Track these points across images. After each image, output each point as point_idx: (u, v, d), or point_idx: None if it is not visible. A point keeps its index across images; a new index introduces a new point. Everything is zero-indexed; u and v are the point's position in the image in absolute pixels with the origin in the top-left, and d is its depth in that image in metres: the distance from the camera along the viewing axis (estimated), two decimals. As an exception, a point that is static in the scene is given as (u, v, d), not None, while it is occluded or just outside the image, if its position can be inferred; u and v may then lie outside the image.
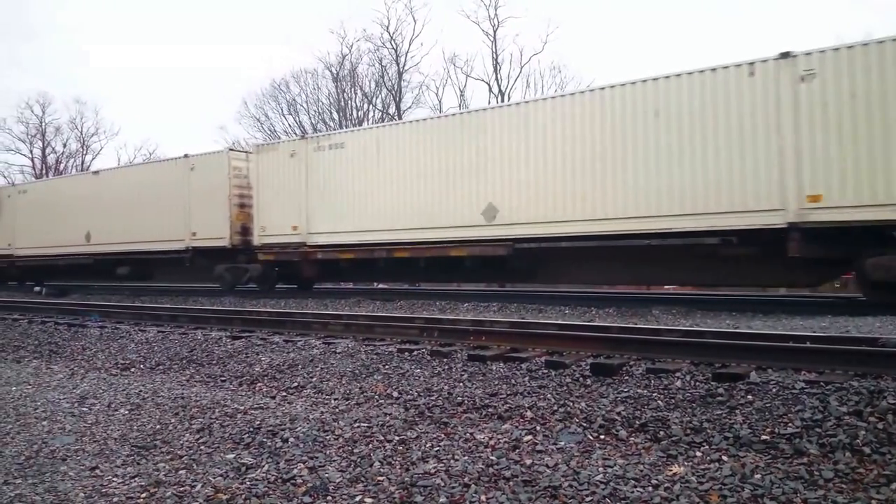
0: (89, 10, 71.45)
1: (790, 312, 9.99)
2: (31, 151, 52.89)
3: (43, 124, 52.63)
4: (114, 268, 20.47)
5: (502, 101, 36.26)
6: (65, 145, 53.98)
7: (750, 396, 4.55)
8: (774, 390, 4.62)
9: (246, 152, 18.96)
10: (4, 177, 50.89)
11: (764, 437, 3.84)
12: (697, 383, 4.99)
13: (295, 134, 38.95)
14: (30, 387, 6.54)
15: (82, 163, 53.35)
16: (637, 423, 4.23)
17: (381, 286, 19.90)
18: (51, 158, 53.57)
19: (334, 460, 3.87)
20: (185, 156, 18.89)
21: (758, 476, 3.29)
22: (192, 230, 18.28)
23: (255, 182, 17.32)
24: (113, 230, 20.21)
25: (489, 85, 39.25)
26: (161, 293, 19.78)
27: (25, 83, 68.58)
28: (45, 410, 5.50)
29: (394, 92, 40.58)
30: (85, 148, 54.43)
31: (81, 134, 53.71)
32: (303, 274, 17.03)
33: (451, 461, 3.73)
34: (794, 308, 10.55)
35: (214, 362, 7.21)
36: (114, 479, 3.79)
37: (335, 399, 5.43)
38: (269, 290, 17.50)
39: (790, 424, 3.96)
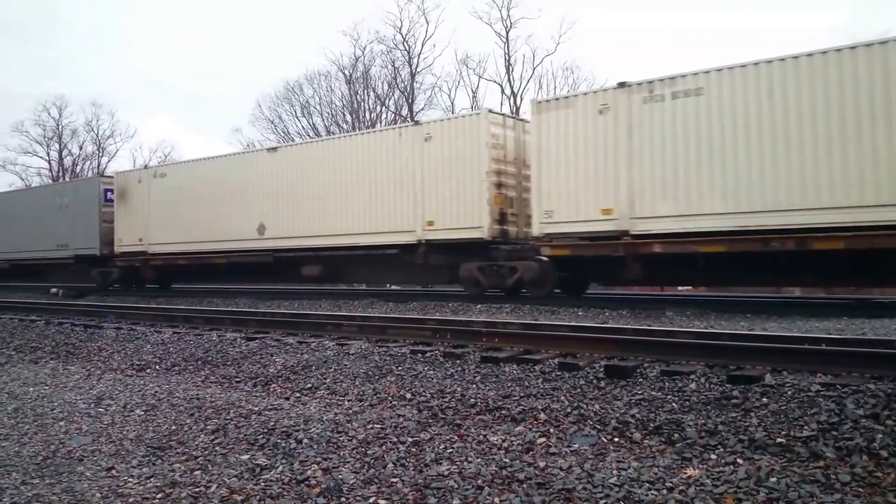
0: (106, 14, 72.14)
1: (805, 314, 9.92)
2: (47, 154, 53.56)
3: (59, 127, 53.26)
4: (297, 268, 17.12)
5: (514, 102, 36.24)
6: (81, 147, 54.58)
7: (765, 399, 4.52)
8: (790, 393, 4.59)
9: (504, 116, 15.37)
10: (22, 179, 51.52)
11: (779, 439, 3.81)
12: (712, 385, 4.96)
13: (308, 136, 39.13)
14: (47, 387, 6.61)
15: (98, 165, 53.88)
16: (651, 425, 4.21)
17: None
18: (67, 161, 54.16)
19: (348, 461, 3.89)
20: (416, 122, 15.78)
21: (773, 479, 3.27)
22: (426, 219, 14.64)
23: (534, 151, 13.06)
24: (299, 221, 16.60)
25: (501, 86, 39.32)
26: (177, 294, 19.91)
27: (43, 86, 69.42)
28: (63, 411, 5.55)
29: (406, 93, 40.69)
30: (101, 150, 54.99)
31: (97, 136, 54.27)
32: (629, 274, 12.20)
33: (465, 463, 3.74)
34: (809, 310, 10.47)
35: (229, 363, 7.25)
36: (130, 479, 3.81)
37: (349, 400, 5.45)
38: (548, 296, 13.33)
39: (806, 427, 3.93)
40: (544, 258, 12.90)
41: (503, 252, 13.82)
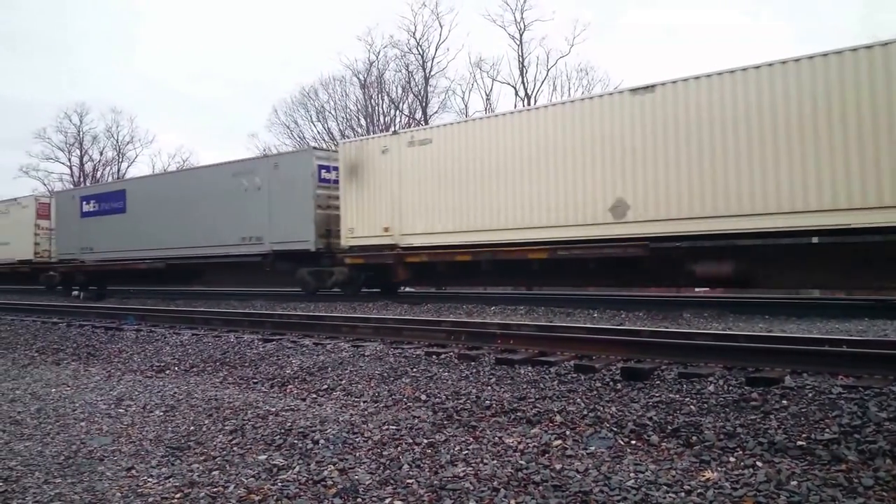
0: (126, 22, 72.93)
1: (825, 315, 9.81)
2: (69, 160, 54.21)
3: (80, 133, 53.92)
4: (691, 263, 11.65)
5: (528, 104, 36.15)
6: (101, 153, 55.22)
7: (785, 401, 4.47)
8: (810, 395, 4.54)
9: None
10: (45, 184, 52.18)
11: (800, 442, 3.77)
12: (730, 388, 4.92)
13: (324, 141, 39.33)
14: (69, 388, 6.68)
15: (118, 170, 54.47)
16: (669, 428, 4.19)
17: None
18: (88, 166, 54.79)
19: (364, 462, 3.89)
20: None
21: (794, 483, 3.23)
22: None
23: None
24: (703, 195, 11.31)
25: (515, 88, 39.25)
26: (195, 297, 20.04)
27: (63, 95, 70.36)
28: (84, 411, 5.61)
29: (420, 97, 40.74)
30: (121, 155, 55.62)
31: (117, 142, 54.90)
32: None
33: (480, 465, 3.73)
34: (828, 311, 10.36)
35: (247, 364, 7.29)
36: (149, 479, 3.85)
37: (364, 401, 5.46)
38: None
39: (827, 430, 3.88)
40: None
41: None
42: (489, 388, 5.50)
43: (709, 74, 11.31)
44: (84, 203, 23.62)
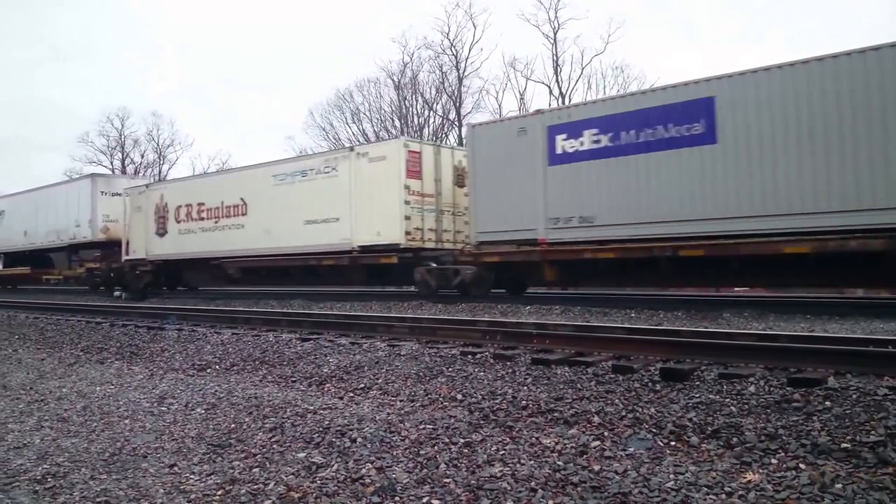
0: (161, 32, 74.41)
1: (868, 315, 9.57)
2: (111, 162, 55.49)
3: (122, 137, 55.17)
4: None
5: (562, 102, 35.91)
6: (142, 156, 56.44)
7: (828, 402, 4.38)
8: (855, 396, 4.44)
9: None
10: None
11: (844, 445, 3.69)
12: (772, 389, 4.84)
13: (359, 142, 39.59)
14: (112, 387, 6.84)
15: (159, 172, 55.55)
16: (709, 429, 4.13)
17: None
18: (129, 169, 55.94)
19: (401, 461, 3.92)
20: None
21: (838, 486, 3.17)
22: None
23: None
24: None
25: (549, 87, 39.09)
26: (233, 297, 20.36)
27: (105, 101, 72.10)
28: (127, 409, 5.74)
29: (454, 98, 40.80)
30: (161, 158, 56.79)
31: (158, 145, 56.06)
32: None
33: (518, 465, 3.73)
34: (872, 311, 10.10)
35: (285, 363, 7.39)
36: (191, 476, 3.92)
37: (400, 400, 5.49)
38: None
39: (873, 432, 3.79)
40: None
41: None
42: (525, 388, 5.48)
43: None
44: (569, 136, 13.26)
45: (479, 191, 14.88)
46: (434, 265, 15.48)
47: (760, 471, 3.46)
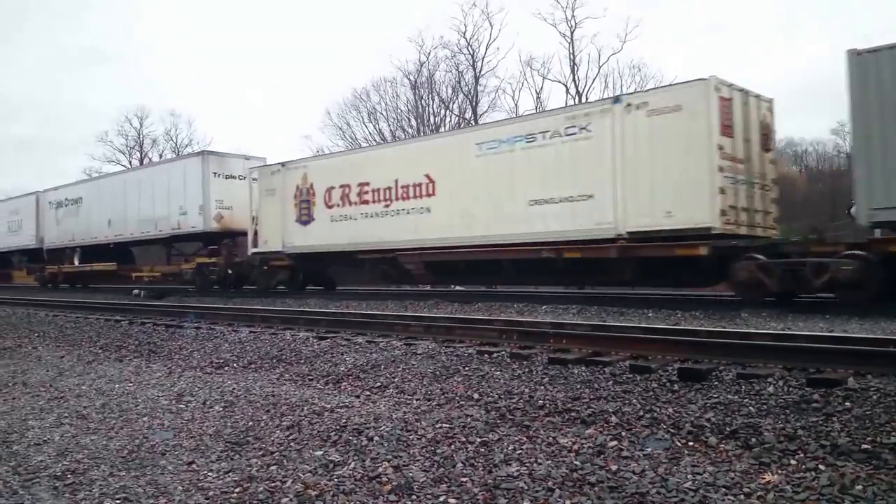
0: (185, 30, 75.01)
1: (889, 315, 9.44)
2: (129, 162, 55.87)
3: (140, 136, 55.57)
4: None
5: (579, 101, 35.76)
6: (161, 155, 56.72)
7: (848, 403, 4.34)
8: (875, 397, 4.39)
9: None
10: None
11: (865, 446, 3.66)
12: (791, 389, 4.80)
13: (375, 141, 39.70)
14: (131, 384, 6.91)
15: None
16: (727, 429, 4.10)
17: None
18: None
19: (418, 460, 3.92)
20: None
21: (859, 487, 3.13)
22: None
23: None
24: None
25: (566, 86, 38.91)
26: (251, 295, 20.46)
27: (126, 99, 72.92)
28: (146, 407, 5.79)
29: (470, 97, 40.75)
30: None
31: (176, 144, 56.29)
32: None
33: (534, 465, 3.72)
34: (892, 311, 9.95)
35: (302, 361, 7.42)
36: (209, 473, 3.95)
37: (417, 399, 5.50)
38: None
39: (894, 433, 3.75)
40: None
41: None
42: (542, 387, 5.47)
43: None
44: None
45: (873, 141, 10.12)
46: (765, 258, 11.00)
47: (779, 472, 3.43)
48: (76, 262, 27.67)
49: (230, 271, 20.70)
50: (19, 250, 32.43)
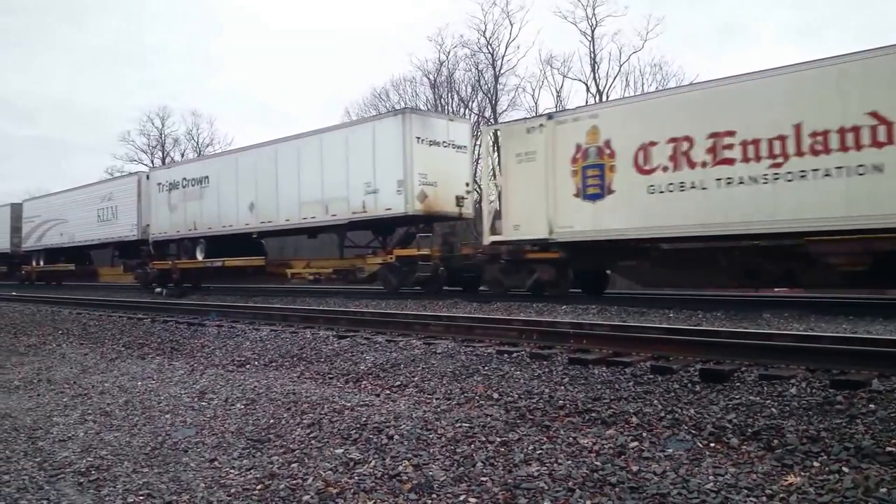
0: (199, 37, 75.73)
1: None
2: (151, 161, 56.43)
3: (162, 136, 56.05)
4: None
5: (600, 100, 35.59)
6: (182, 155, 57.22)
7: (872, 405, 4.29)
8: (901, 400, 4.33)
9: None
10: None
11: (889, 448, 3.61)
12: (814, 391, 4.75)
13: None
14: (154, 382, 6.99)
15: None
16: (749, 430, 4.07)
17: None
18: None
19: (438, 459, 3.94)
20: None
21: (883, 490, 3.10)
22: None
23: None
24: None
25: (587, 85, 38.72)
26: (272, 294, 20.59)
27: (148, 99, 73.84)
28: (168, 404, 5.86)
29: (490, 95, 40.69)
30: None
31: (198, 144, 56.69)
32: None
33: (555, 465, 3.72)
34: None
35: (322, 360, 7.47)
36: (231, 470, 3.99)
37: (437, 398, 5.51)
38: None
39: (920, 437, 3.70)
40: None
41: None
42: (562, 387, 5.46)
43: None
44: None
45: None
46: None
47: (802, 474, 3.40)
48: (199, 257, 22.44)
49: (441, 269, 15.94)
50: (112, 243, 26.83)
